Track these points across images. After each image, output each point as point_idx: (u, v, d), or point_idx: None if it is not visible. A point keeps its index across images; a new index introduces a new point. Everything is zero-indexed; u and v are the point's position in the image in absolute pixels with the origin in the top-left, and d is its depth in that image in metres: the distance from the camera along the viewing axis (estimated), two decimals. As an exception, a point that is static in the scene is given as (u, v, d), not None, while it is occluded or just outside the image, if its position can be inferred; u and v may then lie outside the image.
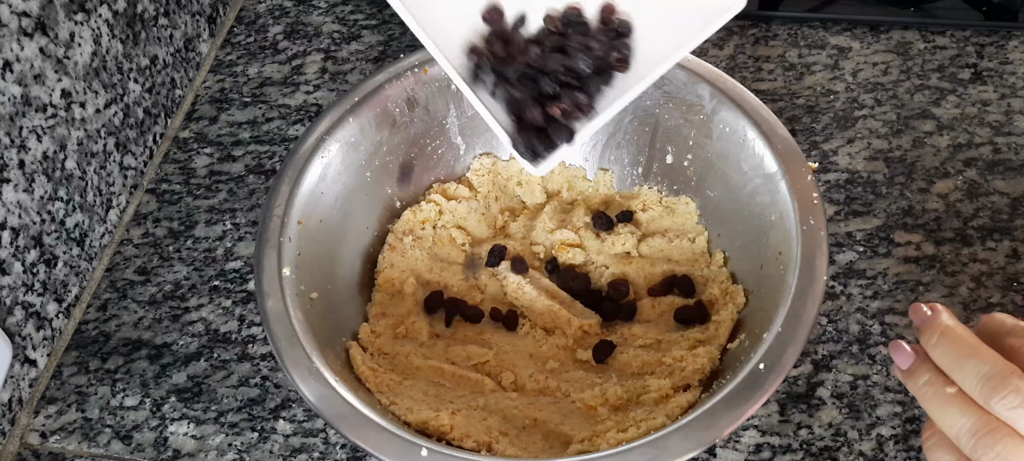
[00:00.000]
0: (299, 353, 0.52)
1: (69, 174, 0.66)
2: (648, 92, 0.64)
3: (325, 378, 0.51)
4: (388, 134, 0.65)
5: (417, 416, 0.53)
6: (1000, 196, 0.69)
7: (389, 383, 0.56)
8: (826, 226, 0.54)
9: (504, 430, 0.54)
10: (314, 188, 0.60)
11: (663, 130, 0.65)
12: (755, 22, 0.82)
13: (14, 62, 0.60)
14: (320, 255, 0.60)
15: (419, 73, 0.64)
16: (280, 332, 0.53)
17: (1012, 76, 0.76)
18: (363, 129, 0.63)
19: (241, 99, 0.81)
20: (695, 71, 0.62)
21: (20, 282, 0.62)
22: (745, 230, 0.60)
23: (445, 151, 0.68)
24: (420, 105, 0.65)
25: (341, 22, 0.86)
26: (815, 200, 0.55)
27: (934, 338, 0.43)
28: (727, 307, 0.59)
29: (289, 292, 0.55)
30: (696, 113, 0.63)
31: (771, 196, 0.57)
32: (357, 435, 0.49)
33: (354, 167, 0.63)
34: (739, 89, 0.61)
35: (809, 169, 0.57)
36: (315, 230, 0.60)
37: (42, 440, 0.62)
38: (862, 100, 0.76)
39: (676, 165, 0.65)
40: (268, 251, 0.56)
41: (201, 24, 0.83)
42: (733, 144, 0.61)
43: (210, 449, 0.61)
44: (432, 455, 0.48)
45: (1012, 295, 0.64)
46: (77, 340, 0.67)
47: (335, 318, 0.59)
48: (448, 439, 0.53)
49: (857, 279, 0.65)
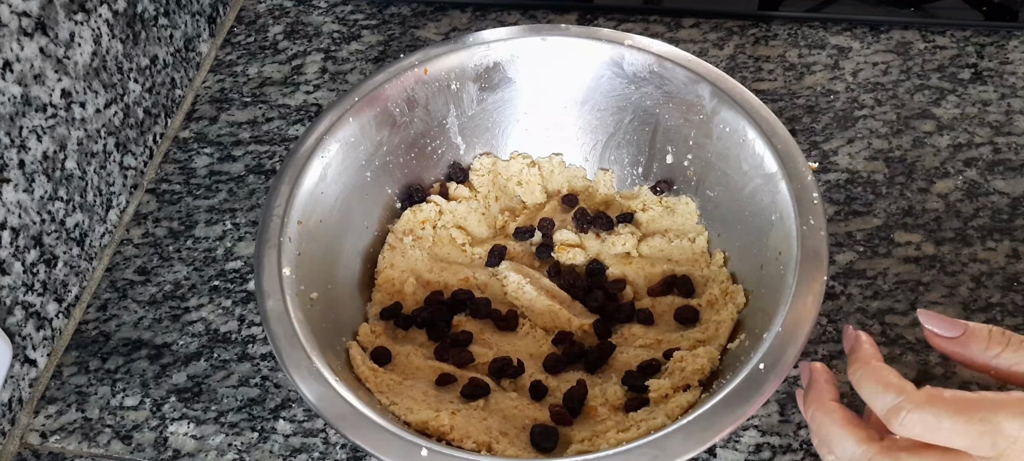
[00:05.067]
0: (299, 353, 0.52)
1: (69, 174, 0.66)
2: (649, 92, 0.64)
3: (325, 378, 0.51)
4: (388, 134, 0.64)
5: (417, 416, 0.53)
6: (1000, 196, 0.69)
7: (389, 383, 0.56)
8: (826, 226, 0.54)
9: (504, 430, 0.54)
10: (314, 188, 0.60)
11: (663, 130, 0.65)
12: (755, 22, 0.82)
13: (14, 62, 0.60)
14: (320, 255, 0.60)
15: (419, 72, 0.64)
16: (280, 332, 0.53)
17: (1012, 76, 0.76)
18: (363, 129, 0.63)
19: (241, 99, 0.81)
20: (695, 71, 0.62)
21: (20, 282, 0.62)
22: (745, 230, 0.60)
23: (445, 151, 0.68)
24: (420, 105, 0.65)
25: (341, 22, 0.86)
26: (815, 200, 0.55)
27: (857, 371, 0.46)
28: (727, 307, 0.59)
29: (289, 292, 0.55)
30: (696, 113, 0.63)
31: (771, 196, 0.57)
32: (358, 435, 0.49)
33: (354, 167, 0.63)
34: (739, 89, 0.61)
35: (809, 169, 0.57)
36: (315, 230, 0.60)
37: (42, 440, 0.62)
38: (862, 100, 0.76)
39: (676, 165, 0.65)
40: (268, 251, 0.56)
41: (201, 24, 0.83)
42: (733, 144, 0.61)
43: (210, 449, 0.61)
44: (432, 455, 0.48)
45: (1012, 295, 0.64)
46: (77, 340, 0.67)
47: (335, 318, 0.59)
48: (448, 439, 0.53)
49: (857, 279, 0.65)
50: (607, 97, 0.66)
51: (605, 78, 0.65)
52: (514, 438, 0.54)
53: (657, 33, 0.65)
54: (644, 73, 0.64)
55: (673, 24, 0.83)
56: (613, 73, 0.65)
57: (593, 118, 0.67)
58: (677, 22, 0.83)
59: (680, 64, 0.63)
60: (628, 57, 0.64)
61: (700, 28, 0.82)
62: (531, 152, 0.69)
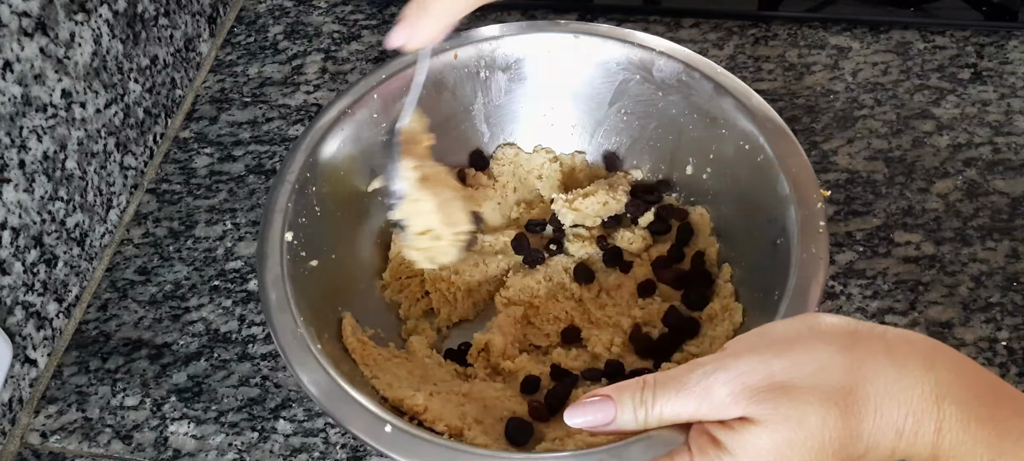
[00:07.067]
0: (287, 317, 0.53)
1: (69, 174, 0.66)
2: (675, 101, 0.64)
3: (307, 344, 0.52)
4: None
5: (395, 393, 0.54)
6: (1000, 196, 0.69)
7: (376, 358, 0.57)
8: (828, 256, 0.53)
9: (479, 418, 0.54)
10: (331, 158, 0.61)
11: (686, 140, 0.65)
12: (755, 22, 0.82)
13: (14, 62, 0.60)
14: (327, 224, 0.60)
15: (449, 57, 0.64)
16: (273, 295, 0.54)
17: (1012, 76, 0.76)
18: (386, 106, 0.63)
19: (241, 99, 0.81)
20: (722, 84, 0.62)
21: (20, 282, 0.62)
22: (752, 249, 0.60)
23: (470, 137, 0.68)
24: (448, 89, 0.65)
25: (341, 22, 0.86)
26: (821, 229, 0.54)
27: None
28: (724, 323, 0.58)
29: (288, 256, 0.55)
30: (719, 127, 0.62)
31: (780, 219, 0.57)
32: (330, 404, 0.50)
33: (374, 143, 0.63)
34: (763, 106, 0.60)
35: (821, 195, 0.56)
36: (326, 198, 0.60)
37: (42, 440, 0.62)
38: (862, 100, 0.76)
39: (695, 177, 0.65)
40: (274, 215, 0.57)
41: (201, 24, 0.83)
42: (750, 162, 0.60)
43: (210, 449, 0.61)
44: (395, 432, 0.48)
45: (1012, 295, 0.64)
46: (77, 340, 0.67)
47: (335, 287, 0.59)
48: (421, 419, 0.53)
49: (857, 279, 0.65)
50: (635, 102, 0.66)
51: (634, 83, 0.65)
52: (488, 427, 0.54)
53: (657, 33, 0.65)
54: (672, 81, 0.63)
55: (673, 24, 0.83)
56: (642, 78, 0.64)
57: (618, 121, 0.67)
58: (677, 22, 0.83)
59: (708, 75, 0.62)
60: (659, 63, 0.63)
61: (700, 28, 0.82)
62: (554, 148, 0.69)
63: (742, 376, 0.41)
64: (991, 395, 0.40)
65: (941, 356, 0.41)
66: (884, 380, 0.40)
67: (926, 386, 0.40)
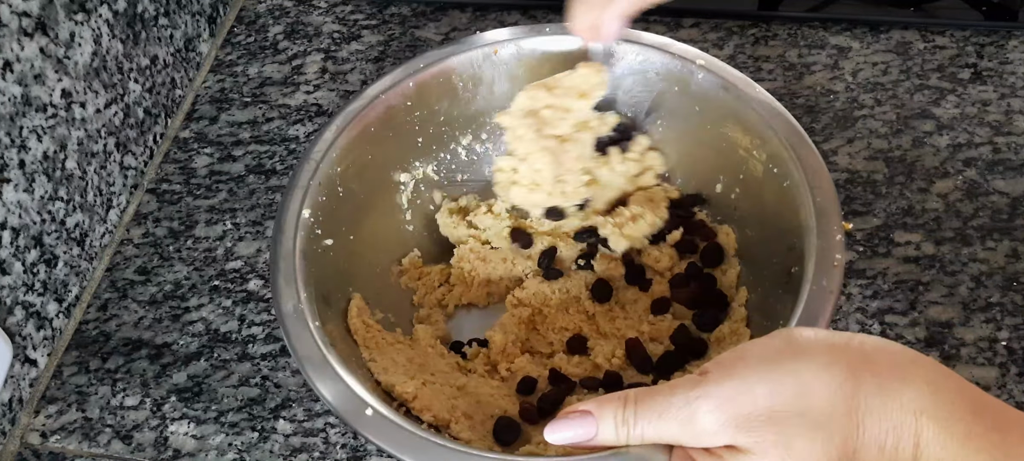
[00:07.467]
0: (291, 290, 0.53)
1: (69, 174, 0.66)
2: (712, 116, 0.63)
3: (306, 320, 0.52)
4: (448, 105, 0.65)
5: (388, 378, 0.54)
6: (1000, 196, 0.69)
7: (379, 342, 0.57)
8: (839, 290, 0.52)
9: (469, 413, 0.54)
10: (358, 138, 0.61)
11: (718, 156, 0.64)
12: (755, 22, 0.82)
13: (14, 62, 0.60)
14: (348, 205, 0.60)
15: (488, 51, 0.64)
16: (282, 268, 0.54)
17: (1012, 76, 0.76)
18: (421, 94, 0.63)
19: (241, 99, 0.81)
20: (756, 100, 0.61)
21: (20, 282, 0.62)
22: (770, 275, 0.59)
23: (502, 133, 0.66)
24: (484, 83, 0.65)
25: (341, 22, 0.86)
26: (836, 262, 0.53)
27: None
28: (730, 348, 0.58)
29: (302, 232, 0.56)
30: (751, 147, 0.61)
31: (799, 247, 0.55)
32: (319, 381, 0.50)
33: (407, 128, 0.63)
34: (796, 128, 0.59)
35: (842, 228, 0.54)
36: (349, 178, 0.60)
37: (42, 440, 0.62)
38: (862, 100, 0.76)
39: (723, 195, 0.64)
40: (295, 191, 0.57)
41: (201, 24, 0.83)
42: (777, 185, 0.59)
43: (210, 449, 0.61)
44: (375, 417, 0.48)
45: (1012, 295, 0.64)
46: (77, 340, 0.67)
47: (348, 268, 0.60)
48: (409, 407, 0.53)
49: (857, 279, 0.65)
50: (672, 115, 0.65)
51: (671, 94, 0.64)
52: (477, 423, 0.54)
53: (657, 33, 0.65)
54: (710, 94, 0.62)
55: (673, 24, 0.83)
56: (680, 89, 0.63)
57: (653, 131, 0.66)
58: (677, 22, 0.83)
59: (743, 91, 0.61)
60: (698, 76, 0.62)
61: (700, 28, 0.82)
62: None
63: (726, 404, 0.41)
64: (969, 410, 0.40)
65: (919, 368, 0.41)
66: (864, 395, 0.40)
67: (904, 399, 0.40)
